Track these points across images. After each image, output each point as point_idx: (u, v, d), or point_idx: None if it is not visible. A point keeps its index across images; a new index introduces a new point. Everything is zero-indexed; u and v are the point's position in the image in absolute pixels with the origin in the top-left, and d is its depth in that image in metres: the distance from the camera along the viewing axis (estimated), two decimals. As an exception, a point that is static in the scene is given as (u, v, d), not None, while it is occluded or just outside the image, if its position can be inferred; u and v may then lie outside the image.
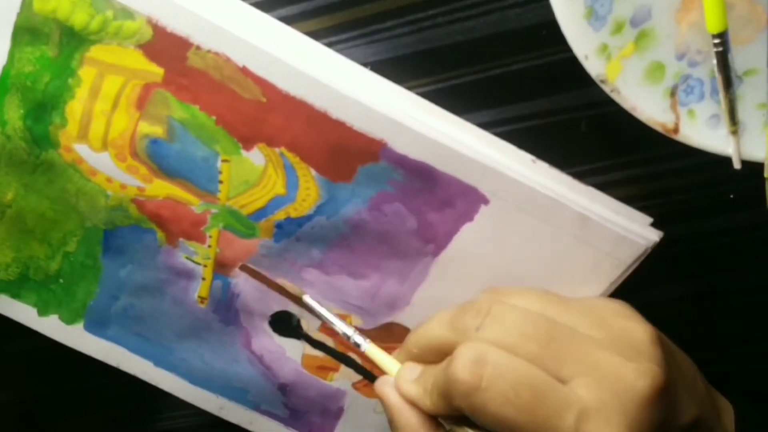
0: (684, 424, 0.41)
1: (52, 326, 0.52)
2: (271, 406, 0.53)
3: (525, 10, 0.44)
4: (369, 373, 0.51)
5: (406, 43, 0.45)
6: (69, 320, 0.52)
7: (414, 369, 0.43)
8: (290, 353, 0.51)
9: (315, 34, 0.44)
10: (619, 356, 0.39)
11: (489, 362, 0.38)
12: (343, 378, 0.52)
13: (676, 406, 0.40)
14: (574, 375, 0.38)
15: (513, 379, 0.38)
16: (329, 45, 0.44)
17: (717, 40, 0.39)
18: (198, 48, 0.43)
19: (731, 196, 0.46)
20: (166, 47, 0.43)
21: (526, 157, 0.44)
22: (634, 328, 0.41)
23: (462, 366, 0.39)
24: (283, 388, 0.53)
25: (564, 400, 0.38)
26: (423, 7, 0.44)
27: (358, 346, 0.47)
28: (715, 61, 0.40)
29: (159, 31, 0.42)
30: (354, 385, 0.52)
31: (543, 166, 0.45)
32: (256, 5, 0.44)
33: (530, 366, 0.38)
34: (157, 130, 0.45)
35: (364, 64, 0.44)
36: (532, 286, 0.46)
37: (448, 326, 0.41)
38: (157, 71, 0.43)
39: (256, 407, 0.54)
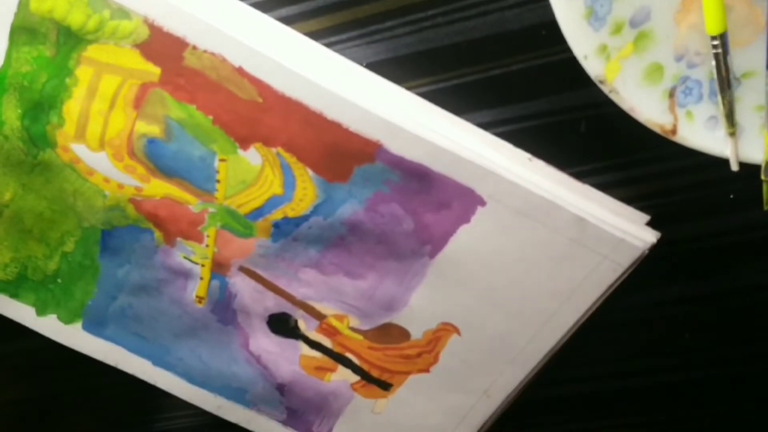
0: None
1: (50, 326, 0.52)
2: (269, 405, 0.53)
3: (524, 10, 0.43)
4: (367, 374, 0.51)
5: (406, 43, 0.45)
6: (67, 320, 0.52)
7: None
8: (288, 354, 0.51)
9: (315, 35, 0.44)
10: None
11: None
12: (341, 378, 0.52)
13: None
14: None
15: None
16: (329, 45, 0.44)
17: (716, 42, 0.39)
18: (194, 48, 0.43)
19: (731, 196, 0.46)
20: (162, 47, 0.43)
21: (522, 156, 0.45)
22: None
23: None
24: (281, 388, 0.53)
25: None
26: (423, 7, 0.44)
27: None
28: (713, 63, 0.40)
29: (155, 31, 0.42)
30: (352, 386, 0.52)
31: (539, 164, 0.45)
32: (256, 5, 0.44)
33: None
34: (155, 130, 0.45)
35: (362, 64, 0.44)
36: (531, 288, 0.46)
37: None
38: (154, 71, 0.43)
39: (255, 407, 0.54)
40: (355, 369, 0.51)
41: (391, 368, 0.51)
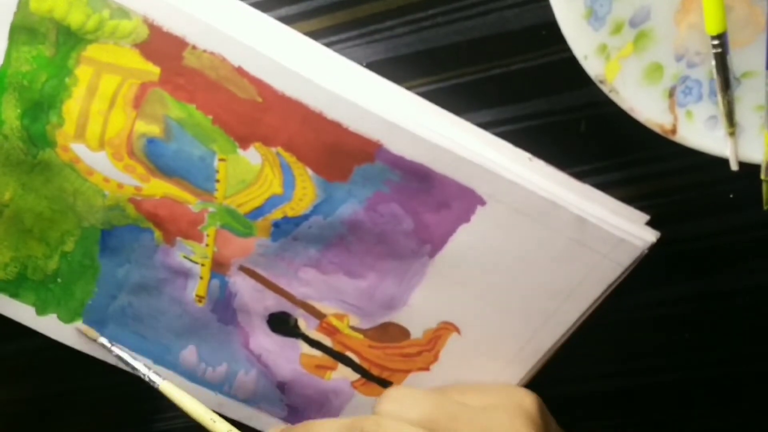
0: None
1: (50, 325, 0.52)
2: (270, 403, 0.53)
3: (524, 10, 0.43)
4: (367, 372, 0.51)
5: (405, 42, 0.45)
6: (67, 319, 0.52)
7: None
8: (288, 352, 0.51)
9: (314, 34, 0.44)
10: None
11: None
12: (341, 376, 0.52)
13: None
14: None
15: None
16: (329, 45, 0.44)
17: (716, 42, 0.39)
18: (194, 48, 0.43)
19: (731, 196, 0.46)
20: (162, 47, 0.43)
21: (522, 155, 0.45)
22: None
23: None
24: (282, 386, 0.53)
25: None
26: (422, 7, 0.44)
27: (153, 383, 0.50)
28: (713, 63, 0.40)
29: (155, 31, 0.42)
30: (352, 384, 0.52)
31: (539, 164, 0.45)
32: (255, 5, 0.44)
33: None
34: (154, 129, 0.45)
35: (362, 64, 0.44)
36: (530, 288, 0.46)
37: None
38: (153, 70, 0.43)
39: (255, 405, 0.54)
40: (356, 367, 0.51)
41: (391, 366, 0.51)
